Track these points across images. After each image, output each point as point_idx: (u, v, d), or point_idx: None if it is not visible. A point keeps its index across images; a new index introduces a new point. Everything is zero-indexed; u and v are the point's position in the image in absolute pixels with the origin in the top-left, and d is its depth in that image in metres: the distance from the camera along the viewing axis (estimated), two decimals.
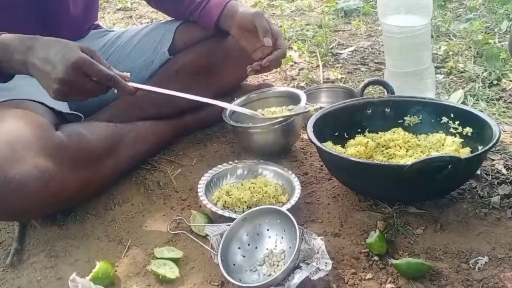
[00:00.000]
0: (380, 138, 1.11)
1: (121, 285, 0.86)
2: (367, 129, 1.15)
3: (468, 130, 1.04)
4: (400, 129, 1.13)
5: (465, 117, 1.05)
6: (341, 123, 1.12)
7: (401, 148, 1.07)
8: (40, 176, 0.87)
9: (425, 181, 0.88)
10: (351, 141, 1.09)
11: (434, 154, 0.98)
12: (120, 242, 0.96)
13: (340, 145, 1.08)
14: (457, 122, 1.07)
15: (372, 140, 1.11)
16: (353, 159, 0.94)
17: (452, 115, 1.08)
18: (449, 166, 0.86)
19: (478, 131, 1.01)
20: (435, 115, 1.11)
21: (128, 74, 0.96)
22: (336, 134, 1.07)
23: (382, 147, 1.09)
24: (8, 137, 0.88)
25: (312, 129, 1.01)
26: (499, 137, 0.92)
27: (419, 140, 1.09)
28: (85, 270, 0.88)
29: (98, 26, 1.37)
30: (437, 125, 1.10)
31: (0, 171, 0.84)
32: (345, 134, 1.12)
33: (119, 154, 1.08)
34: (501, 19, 1.92)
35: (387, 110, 1.15)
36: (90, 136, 1.01)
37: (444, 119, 1.09)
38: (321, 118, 1.07)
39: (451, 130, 1.07)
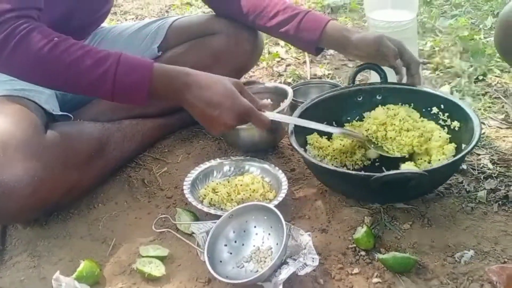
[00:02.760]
0: (390, 111, 1.08)
1: (106, 284, 0.85)
2: (357, 117, 1.14)
3: (456, 124, 1.03)
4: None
5: (453, 109, 1.04)
6: (330, 112, 1.11)
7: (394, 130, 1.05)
8: (30, 181, 0.85)
9: (394, 190, 0.88)
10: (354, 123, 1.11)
11: (403, 169, 0.97)
12: (104, 241, 0.95)
13: (326, 137, 1.07)
14: (446, 114, 1.06)
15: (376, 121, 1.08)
16: (323, 165, 0.94)
17: (442, 106, 1.07)
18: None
19: (465, 126, 1.00)
20: (425, 104, 1.09)
21: (268, 103, 0.99)
22: (324, 123, 1.06)
23: (382, 125, 1.07)
24: (0, 138, 0.86)
25: (293, 132, 1.00)
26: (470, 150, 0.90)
27: (414, 122, 1.06)
28: (69, 270, 0.86)
29: None
30: (427, 115, 1.08)
31: None
32: (333, 123, 1.11)
33: (107, 155, 1.06)
34: (486, 16, 1.93)
35: (378, 97, 1.13)
36: (79, 138, 1.00)
37: (434, 110, 1.08)
38: (311, 108, 1.06)
39: (440, 122, 1.06)
